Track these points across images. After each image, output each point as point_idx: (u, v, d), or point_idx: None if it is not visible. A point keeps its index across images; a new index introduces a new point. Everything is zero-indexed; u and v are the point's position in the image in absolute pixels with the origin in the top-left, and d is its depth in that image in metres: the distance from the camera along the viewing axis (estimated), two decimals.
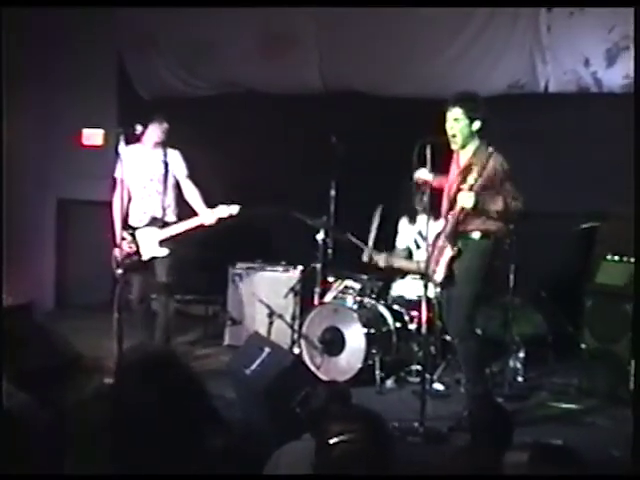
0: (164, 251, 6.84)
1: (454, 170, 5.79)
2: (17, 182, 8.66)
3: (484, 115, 5.64)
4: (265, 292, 7.80)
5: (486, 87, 7.94)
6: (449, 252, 5.64)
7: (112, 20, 9.08)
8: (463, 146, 5.68)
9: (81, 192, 9.34)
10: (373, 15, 8.00)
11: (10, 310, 7.05)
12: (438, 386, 6.56)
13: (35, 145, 9.03)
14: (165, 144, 6.97)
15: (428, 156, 5.47)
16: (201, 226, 6.87)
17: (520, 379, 6.76)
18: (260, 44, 8.73)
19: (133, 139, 6.70)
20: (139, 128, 6.48)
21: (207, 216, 6.84)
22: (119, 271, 6.41)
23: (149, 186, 6.92)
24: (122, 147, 6.40)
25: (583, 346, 6.63)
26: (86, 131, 9.40)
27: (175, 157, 6.99)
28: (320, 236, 7.31)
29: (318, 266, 7.34)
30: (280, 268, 8.01)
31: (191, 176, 7.05)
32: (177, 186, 7.03)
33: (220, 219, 6.84)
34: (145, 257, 6.87)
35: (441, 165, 5.66)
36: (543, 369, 6.93)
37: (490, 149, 5.59)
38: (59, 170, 9.28)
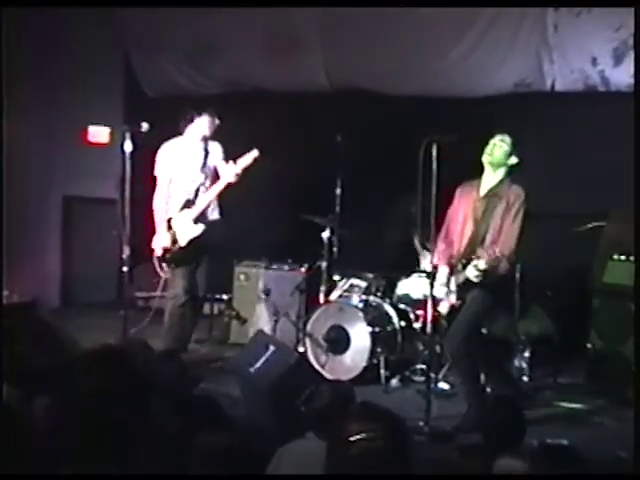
0: (199, 228, 6.78)
1: (469, 198, 5.83)
2: (22, 179, 8.67)
3: (521, 157, 5.78)
4: (271, 290, 7.79)
5: (492, 85, 7.95)
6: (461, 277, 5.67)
7: (118, 18, 9.08)
8: (494, 170, 5.75)
9: (87, 189, 9.35)
10: (379, 13, 7.98)
11: (15, 307, 7.06)
12: (443, 385, 6.54)
13: (41, 142, 9.04)
14: (208, 138, 6.92)
15: (434, 154, 5.46)
16: (229, 186, 6.76)
17: (526, 379, 6.75)
18: (266, 42, 8.72)
19: (175, 132, 6.77)
20: (145, 126, 6.47)
21: (230, 171, 6.73)
22: (164, 267, 6.45)
23: (197, 178, 6.86)
24: (165, 145, 6.68)
25: (589, 346, 6.61)
26: (92, 128, 9.39)
27: (216, 149, 6.95)
28: (326, 234, 7.30)
29: (324, 264, 7.33)
30: (286, 266, 8.01)
31: None
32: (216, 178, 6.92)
33: (245, 170, 6.71)
34: (183, 242, 6.81)
35: (446, 163, 5.62)
36: (549, 369, 6.91)
37: (512, 183, 5.73)
38: (65, 167, 9.28)
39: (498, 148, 5.74)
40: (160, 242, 6.80)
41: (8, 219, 8.34)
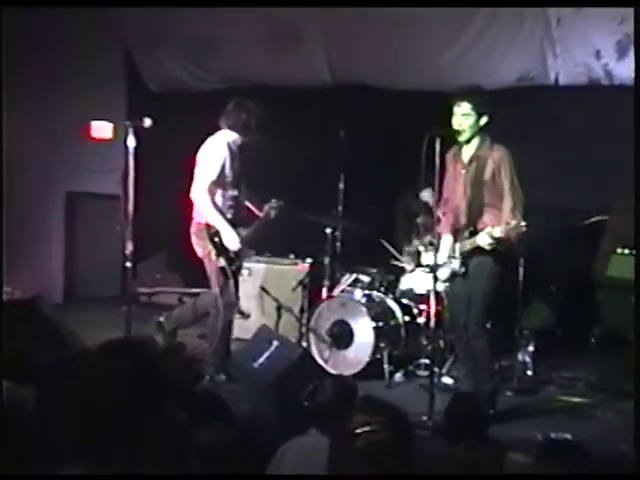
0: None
1: (455, 165, 5.77)
2: (25, 175, 8.68)
3: (491, 109, 5.62)
4: (273, 285, 7.79)
5: (496, 79, 7.92)
6: (465, 245, 5.62)
7: (120, 13, 9.07)
8: (468, 141, 5.67)
9: (90, 185, 9.35)
10: (380, 8, 7.96)
11: (18, 303, 7.05)
12: (447, 380, 6.54)
13: (44, 138, 9.04)
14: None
15: (437, 149, 5.44)
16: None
17: (529, 373, 6.74)
18: (268, 37, 8.71)
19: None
20: (147, 121, 6.45)
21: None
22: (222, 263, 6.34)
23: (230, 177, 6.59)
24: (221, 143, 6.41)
25: (593, 340, 6.61)
26: (95, 124, 9.39)
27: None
28: (329, 229, 7.30)
29: (327, 259, 7.33)
30: (289, 261, 8.01)
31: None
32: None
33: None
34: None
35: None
36: (552, 363, 6.91)
37: (492, 143, 5.61)
38: (68, 163, 9.28)
39: (464, 120, 5.59)
40: (231, 242, 6.43)
41: (11, 215, 8.34)
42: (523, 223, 5.29)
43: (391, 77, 8.40)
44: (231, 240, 6.39)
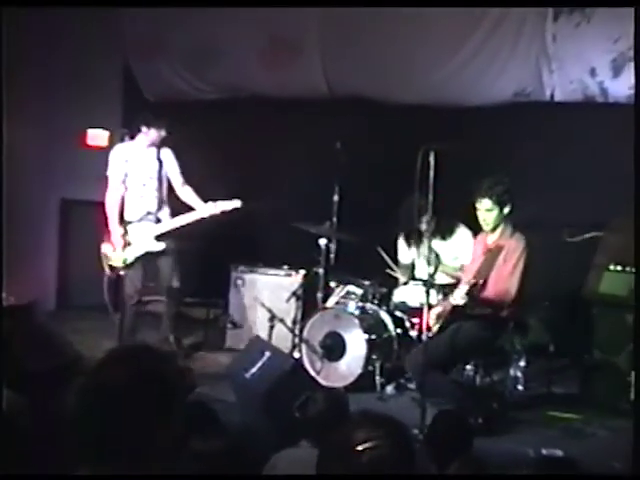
0: (160, 245, 6.88)
1: (480, 248, 6.01)
2: (21, 182, 8.66)
3: (512, 198, 5.83)
4: (267, 296, 7.79)
5: (492, 95, 7.96)
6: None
7: (119, 21, 9.09)
8: (493, 230, 5.92)
9: (84, 192, 9.32)
10: (379, 22, 8.00)
11: (12, 310, 7.05)
12: None
13: (40, 145, 9.03)
14: (159, 144, 7.08)
15: (432, 162, 5.46)
16: (201, 220, 6.94)
17: (520, 388, 6.74)
18: (266, 48, 8.73)
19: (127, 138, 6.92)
20: (144, 129, 6.48)
21: (207, 209, 6.90)
22: (109, 270, 6.52)
23: (148, 184, 7.03)
24: (117, 146, 6.75)
25: (585, 356, 6.61)
26: (91, 131, 9.40)
27: (168, 155, 7.12)
28: (323, 241, 7.31)
29: (320, 271, 7.34)
30: (282, 272, 8.01)
31: (185, 175, 7.14)
32: (169, 184, 7.15)
33: (224, 213, 6.91)
34: (139, 252, 6.90)
35: (443, 172, 5.62)
36: (544, 378, 6.91)
37: (514, 231, 5.87)
38: (63, 170, 9.27)
39: (488, 215, 5.84)
40: (115, 242, 6.90)
41: (7, 222, 8.33)
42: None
43: (388, 91, 8.42)
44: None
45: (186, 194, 7.11)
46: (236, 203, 6.88)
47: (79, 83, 9.24)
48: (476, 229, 6.30)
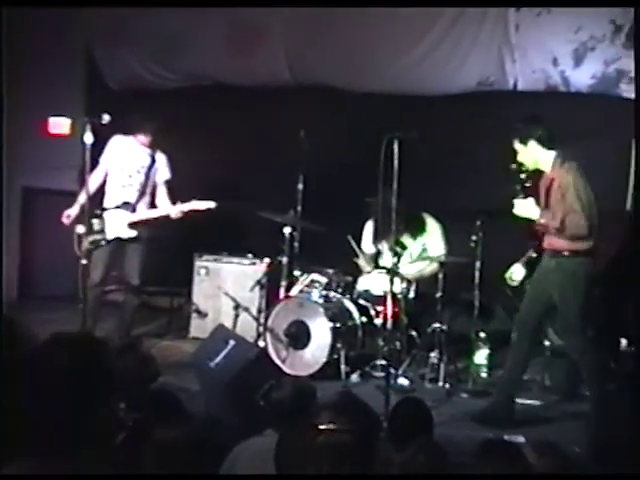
0: (131, 233, 6.91)
1: (542, 189, 5.78)
2: None
3: (551, 133, 5.67)
4: (231, 285, 7.79)
5: (456, 84, 8.00)
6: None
7: (81, 10, 8.99)
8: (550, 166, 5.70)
9: (47, 181, 9.25)
10: (342, 10, 7.99)
11: None
12: (403, 381, 6.58)
13: (0, 133, 8.91)
14: (154, 146, 7.16)
15: (395, 151, 5.47)
16: (168, 216, 6.99)
17: (484, 375, 6.81)
18: (228, 36, 8.70)
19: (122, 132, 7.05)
20: (106, 117, 6.42)
21: (175, 208, 6.98)
22: (80, 251, 6.48)
23: (135, 177, 7.09)
24: (116, 137, 7.00)
25: (546, 343, 6.68)
26: (53, 120, 9.29)
27: (161, 160, 7.19)
28: (287, 229, 7.31)
29: (284, 259, 7.33)
30: (246, 261, 8.00)
31: (170, 181, 7.24)
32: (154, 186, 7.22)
33: (192, 210, 6.93)
34: (110, 236, 6.92)
35: (407, 160, 5.62)
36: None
37: (564, 162, 5.63)
38: (25, 159, 9.17)
39: (536, 152, 5.67)
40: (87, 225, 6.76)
41: None
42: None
43: (352, 78, 8.43)
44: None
45: (162, 199, 7.18)
46: (209, 204, 6.91)
47: (41, 71, 9.14)
48: (441, 217, 6.25)
